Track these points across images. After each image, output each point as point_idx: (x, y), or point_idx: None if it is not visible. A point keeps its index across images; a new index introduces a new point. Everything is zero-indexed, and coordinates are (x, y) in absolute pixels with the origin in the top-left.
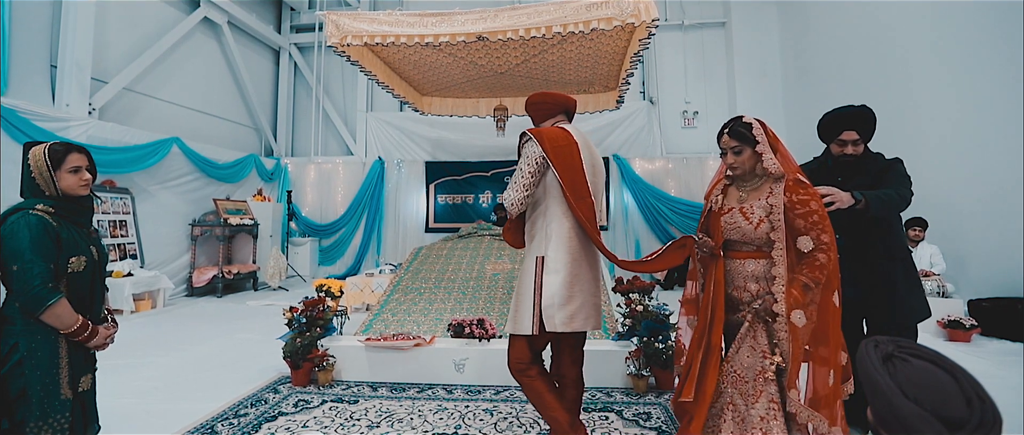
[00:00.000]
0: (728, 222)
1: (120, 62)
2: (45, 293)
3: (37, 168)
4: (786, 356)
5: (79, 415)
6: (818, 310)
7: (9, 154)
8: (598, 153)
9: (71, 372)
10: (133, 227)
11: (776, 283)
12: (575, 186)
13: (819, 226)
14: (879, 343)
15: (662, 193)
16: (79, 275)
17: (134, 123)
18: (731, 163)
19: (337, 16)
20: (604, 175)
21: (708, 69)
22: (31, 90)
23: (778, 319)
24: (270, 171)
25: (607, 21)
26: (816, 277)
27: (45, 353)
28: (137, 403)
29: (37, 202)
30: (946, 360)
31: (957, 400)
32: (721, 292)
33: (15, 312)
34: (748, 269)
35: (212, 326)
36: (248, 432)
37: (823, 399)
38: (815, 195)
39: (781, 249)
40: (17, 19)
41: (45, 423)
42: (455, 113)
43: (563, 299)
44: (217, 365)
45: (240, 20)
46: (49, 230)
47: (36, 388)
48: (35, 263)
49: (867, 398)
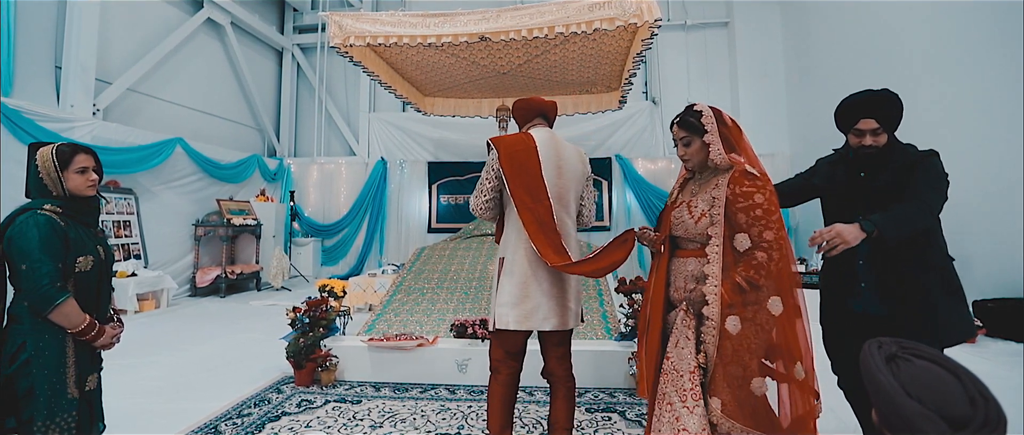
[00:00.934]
0: (676, 217)
1: (124, 63)
2: (53, 292)
3: (45, 168)
4: (710, 360)
5: (85, 414)
6: (780, 321)
7: (13, 154)
8: (574, 154)
9: (78, 371)
10: (137, 227)
11: (708, 283)
12: (530, 190)
13: (762, 222)
14: (883, 344)
15: (664, 193)
16: (86, 275)
17: (138, 124)
18: (681, 155)
19: (340, 17)
20: (583, 174)
21: (711, 69)
22: (36, 91)
23: (706, 321)
24: (273, 171)
25: (610, 21)
26: (751, 277)
27: (52, 352)
28: (141, 402)
29: (45, 202)
30: (949, 360)
31: (960, 399)
32: (659, 291)
33: (23, 311)
34: (689, 268)
35: (215, 326)
36: (252, 432)
37: (797, 422)
38: (763, 187)
39: (717, 246)
40: (22, 20)
41: (52, 422)
42: (457, 113)
43: (516, 299)
44: (221, 365)
45: (243, 21)
46: (57, 230)
47: (43, 387)
48: (43, 262)
49: (871, 399)
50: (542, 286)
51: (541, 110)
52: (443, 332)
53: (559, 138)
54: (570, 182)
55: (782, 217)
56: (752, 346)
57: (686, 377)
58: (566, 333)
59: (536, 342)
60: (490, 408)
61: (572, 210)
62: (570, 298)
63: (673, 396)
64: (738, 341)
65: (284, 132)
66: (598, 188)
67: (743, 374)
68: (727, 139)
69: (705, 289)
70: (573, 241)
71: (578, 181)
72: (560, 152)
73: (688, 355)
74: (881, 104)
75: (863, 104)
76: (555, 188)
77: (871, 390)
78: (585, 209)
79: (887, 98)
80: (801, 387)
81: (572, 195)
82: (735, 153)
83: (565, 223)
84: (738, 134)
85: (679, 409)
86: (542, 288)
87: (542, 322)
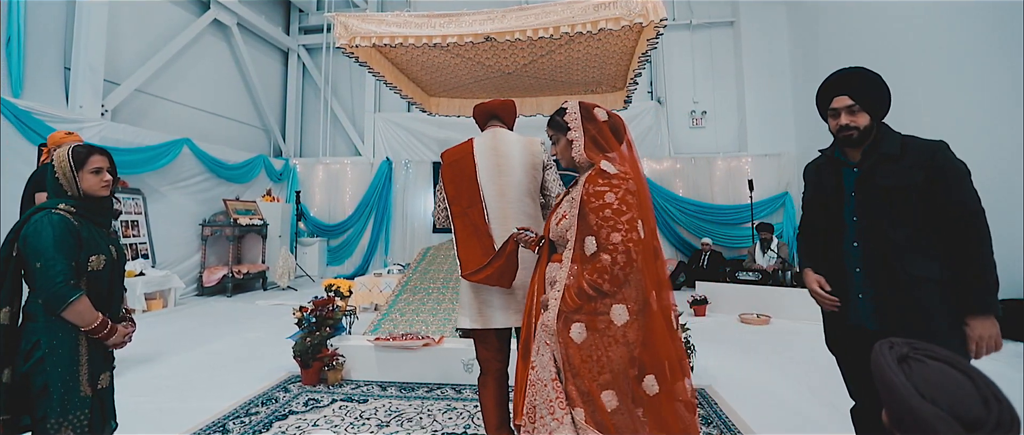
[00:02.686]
0: (552, 220)
1: (132, 64)
2: (67, 290)
3: (61, 169)
4: (562, 369)
5: (98, 412)
6: (635, 330)
7: (23, 154)
8: (520, 147)
9: (91, 369)
10: (145, 227)
11: (554, 288)
12: (466, 195)
13: (610, 223)
14: (894, 344)
15: (670, 193)
16: (98, 274)
17: (145, 124)
18: (552, 154)
19: (346, 17)
20: (532, 165)
21: (716, 69)
22: (45, 92)
23: (544, 329)
24: (279, 172)
25: (615, 21)
26: (594, 282)
27: (66, 350)
28: (150, 401)
29: (59, 202)
30: (961, 361)
31: (974, 401)
32: (533, 297)
33: (37, 309)
34: (552, 273)
35: (222, 325)
36: (259, 430)
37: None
38: (617, 187)
39: (569, 250)
40: (31, 22)
41: (65, 419)
42: (462, 114)
43: (469, 299)
44: (228, 364)
45: (249, 22)
46: (71, 229)
47: (57, 384)
48: (57, 261)
49: (882, 400)
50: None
51: (493, 112)
52: (449, 332)
53: (503, 135)
54: (514, 177)
55: (635, 219)
56: (600, 356)
57: (550, 387)
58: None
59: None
60: (483, 407)
61: (525, 205)
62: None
63: (542, 408)
64: (586, 350)
65: (290, 132)
66: None
67: (591, 387)
68: (596, 138)
69: (550, 295)
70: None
71: (525, 173)
72: (499, 149)
73: (548, 363)
74: (852, 80)
75: (835, 82)
76: (495, 186)
77: (883, 391)
78: (550, 196)
79: (859, 74)
80: (668, 400)
81: (519, 190)
82: (608, 152)
83: (510, 219)
84: (608, 133)
85: (549, 421)
86: (493, 290)
87: (495, 321)
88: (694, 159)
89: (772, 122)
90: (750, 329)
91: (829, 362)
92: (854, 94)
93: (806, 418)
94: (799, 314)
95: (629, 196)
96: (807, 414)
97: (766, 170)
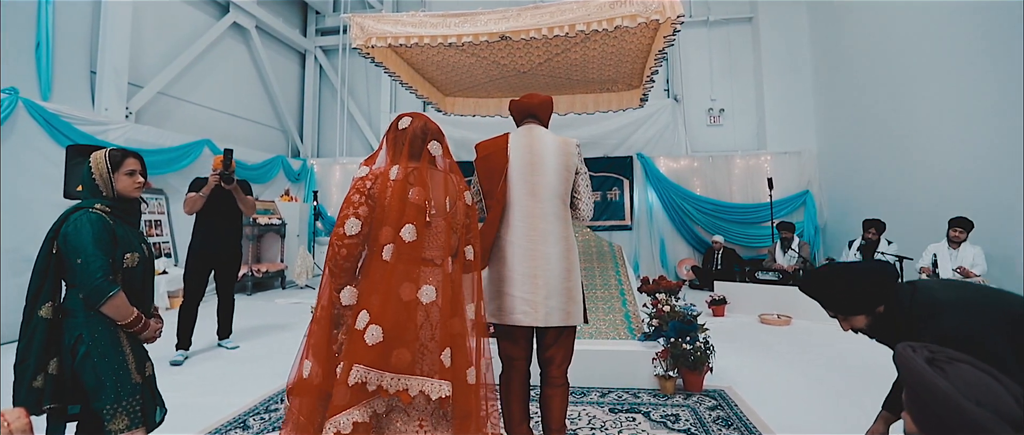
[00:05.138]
0: None
1: (155, 67)
2: (106, 285)
3: (98, 170)
4: None
5: (148, 399)
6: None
7: (51, 156)
8: (555, 148)
9: (136, 358)
10: (168, 226)
11: None
12: (494, 191)
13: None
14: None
15: (688, 192)
16: (133, 271)
17: (168, 126)
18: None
19: (361, 18)
20: (565, 166)
21: (734, 65)
22: (72, 95)
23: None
24: (297, 172)
25: (631, 18)
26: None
27: (107, 342)
28: (172, 397)
29: (95, 202)
30: (979, 362)
31: (1008, 399)
32: None
33: (77, 305)
34: None
35: (243, 323)
36: (279, 426)
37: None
38: (351, 187)
39: None
40: (60, 28)
41: (119, 406)
42: (478, 113)
43: (491, 294)
44: (248, 360)
45: (267, 24)
46: (107, 227)
47: (109, 375)
48: (97, 257)
49: (916, 404)
50: (515, 280)
51: (531, 110)
52: None
53: (539, 133)
54: (547, 177)
55: (346, 216)
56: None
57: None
58: (552, 330)
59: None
60: (504, 405)
61: (556, 206)
62: (549, 295)
63: None
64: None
65: (307, 133)
66: (619, 187)
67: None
68: (392, 146)
69: None
70: (552, 235)
71: (558, 174)
72: (534, 147)
73: None
74: (814, 296)
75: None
76: (527, 184)
77: (921, 394)
78: (579, 202)
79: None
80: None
81: (551, 191)
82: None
83: (538, 218)
84: (392, 139)
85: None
86: (515, 282)
87: (516, 314)
88: (712, 157)
89: (792, 119)
90: (770, 329)
91: (851, 363)
92: (827, 308)
93: (828, 419)
94: (820, 315)
95: (355, 195)
96: (829, 415)
97: (786, 168)
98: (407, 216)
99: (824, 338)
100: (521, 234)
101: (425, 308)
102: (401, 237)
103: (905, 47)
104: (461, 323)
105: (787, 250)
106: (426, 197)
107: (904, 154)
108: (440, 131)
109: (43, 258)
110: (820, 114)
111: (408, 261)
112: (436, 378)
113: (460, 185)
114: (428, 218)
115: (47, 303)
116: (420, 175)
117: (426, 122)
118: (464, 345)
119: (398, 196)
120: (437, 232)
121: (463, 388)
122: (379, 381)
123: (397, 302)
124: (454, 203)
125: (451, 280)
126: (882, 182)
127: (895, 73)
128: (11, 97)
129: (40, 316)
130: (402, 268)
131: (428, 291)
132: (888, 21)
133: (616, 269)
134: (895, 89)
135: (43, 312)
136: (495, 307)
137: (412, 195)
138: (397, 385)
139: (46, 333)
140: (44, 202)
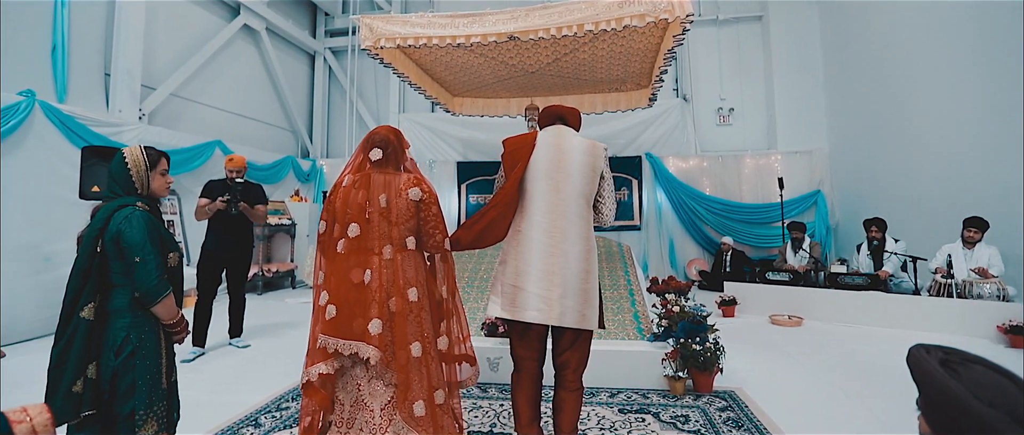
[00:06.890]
0: None
1: (167, 69)
2: (163, 285)
3: (136, 166)
4: None
5: (174, 404)
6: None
7: (67, 157)
8: (582, 148)
9: (168, 363)
10: (180, 227)
11: None
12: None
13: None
14: (930, 350)
15: (697, 192)
16: (174, 270)
17: (180, 127)
18: None
19: (371, 20)
20: (590, 166)
21: (744, 65)
22: (87, 97)
23: None
24: (306, 172)
25: (640, 18)
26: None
27: (152, 344)
28: (184, 395)
29: (136, 200)
30: (993, 363)
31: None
32: None
33: (124, 304)
34: None
35: (253, 322)
36: (290, 425)
37: None
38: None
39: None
40: (75, 31)
41: (150, 411)
42: (486, 113)
43: (506, 288)
44: (259, 359)
45: (277, 26)
46: (155, 225)
47: (145, 378)
48: (155, 255)
49: (931, 406)
50: (532, 276)
51: (559, 113)
52: (475, 331)
53: (567, 133)
54: (572, 176)
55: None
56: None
57: None
58: (568, 333)
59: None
60: (515, 405)
61: (579, 206)
62: (565, 294)
63: None
64: None
65: (317, 134)
66: (628, 187)
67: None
68: (354, 156)
69: None
70: (573, 234)
71: (583, 174)
72: (562, 146)
73: None
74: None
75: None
76: (551, 181)
77: (935, 397)
78: (602, 205)
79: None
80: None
81: (575, 190)
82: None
83: (561, 217)
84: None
85: None
86: (532, 278)
87: (529, 309)
88: (721, 157)
89: (802, 118)
90: (781, 330)
91: (862, 364)
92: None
93: (839, 421)
94: (832, 315)
95: (326, 203)
96: (840, 417)
97: (797, 168)
98: (350, 216)
99: (835, 339)
100: (542, 230)
101: (367, 288)
102: (347, 234)
103: (918, 45)
104: (401, 302)
105: (798, 250)
106: (367, 198)
107: (917, 153)
108: (387, 137)
109: (86, 257)
110: (831, 113)
111: (356, 251)
112: (364, 343)
113: (404, 184)
114: (367, 216)
115: (89, 303)
116: (364, 179)
117: (373, 133)
118: (405, 321)
119: (344, 200)
120: (374, 226)
121: (405, 360)
122: (335, 346)
123: (348, 284)
124: (391, 200)
125: (388, 265)
126: (894, 181)
127: (907, 71)
128: (28, 99)
129: (81, 317)
130: (353, 258)
131: (367, 275)
132: (899, 19)
133: (625, 269)
134: (907, 87)
135: (85, 313)
136: (508, 302)
137: (359, 197)
138: (349, 348)
139: (87, 335)
140: (60, 201)
